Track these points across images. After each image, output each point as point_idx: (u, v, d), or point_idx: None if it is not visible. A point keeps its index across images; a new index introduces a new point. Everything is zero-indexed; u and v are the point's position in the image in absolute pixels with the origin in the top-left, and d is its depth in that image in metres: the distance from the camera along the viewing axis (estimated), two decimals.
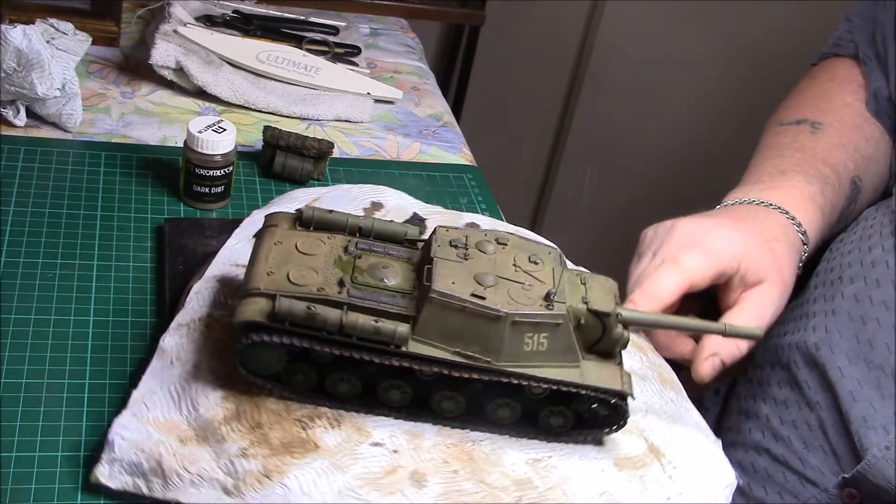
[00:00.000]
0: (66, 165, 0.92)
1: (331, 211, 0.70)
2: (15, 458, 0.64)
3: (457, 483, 0.63)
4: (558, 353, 0.64)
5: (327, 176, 0.99)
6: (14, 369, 0.70)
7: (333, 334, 0.62)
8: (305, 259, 0.65)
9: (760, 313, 0.79)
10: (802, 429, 0.83)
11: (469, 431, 0.67)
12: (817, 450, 0.81)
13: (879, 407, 0.77)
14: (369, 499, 0.61)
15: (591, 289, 0.66)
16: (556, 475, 0.65)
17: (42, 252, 0.81)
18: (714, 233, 0.79)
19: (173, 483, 0.62)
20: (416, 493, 0.62)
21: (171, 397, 0.66)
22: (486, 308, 0.61)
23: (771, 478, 0.84)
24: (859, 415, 0.78)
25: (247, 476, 0.61)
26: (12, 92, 0.92)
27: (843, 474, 0.78)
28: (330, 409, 0.66)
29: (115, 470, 0.63)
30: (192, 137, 0.87)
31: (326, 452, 0.63)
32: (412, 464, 0.64)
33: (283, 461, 0.62)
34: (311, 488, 0.61)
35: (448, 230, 0.68)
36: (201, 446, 0.63)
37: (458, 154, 1.09)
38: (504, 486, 0.63)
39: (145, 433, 0.64)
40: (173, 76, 1.06)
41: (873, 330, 0.80)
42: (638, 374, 0.73)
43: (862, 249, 0.86)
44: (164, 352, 0.69)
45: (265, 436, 0.63)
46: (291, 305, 0.61)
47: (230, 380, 0.66)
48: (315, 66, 1.12)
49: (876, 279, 0.82)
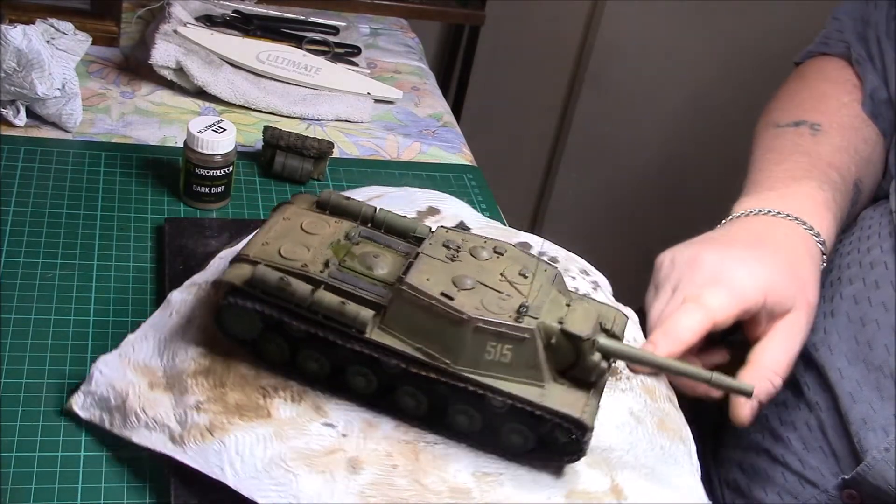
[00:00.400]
0: (66, 165, 0.92)
1: (348, 198, 0.72)
2: (15, 458, 0.64)
3: (391, 477, 0.62)
4: (521, 369, 0.62)
5: (327, 176, 0.99)
6: (14, 369, 0.70)
7: (301, 309, 0.63)
8: (305, 237, 0.68)
9: (790, 343, 0.76)
10: (802, 430, 0.83)
11: (427, 433, 0.66)
12: (817, 451, 0.81)
13: (879, 408, 0.77)
14: (296, 472, 0.61)
15: (574, 311, 0.64)
16: (497, 493, 0.63)
17: (42, 252, 0.81)
18: (738, 268, 0.75)
19: (131, 422, 0.65)
20: (345, 476, 0.62)
21: (157, 345, 0.69)
22: (450, 309, 0.61)
23: (770, 478, 0.83)
24: (859, 416, 0.77)
25: (193, 428, 0.63)
26: (12, 92, 0.92)
27: (843, 475, 0.78)
28: (297, 384, 0.67)
29: (87, 401, 0.67)
30: (192, 137, 0.87)
31: (275, 422, 0.64)
32: (355, 450, 0.64)
33: (231, 421, 0.64)
34: (245, 451, 0.62)
35: (448, 231, 0.68)
36: (165, 394, 0.66)
37: (458, 154, 1.09)
38: (438, 491, 0.62)
39: (122, 373, 0.67)
40: (173, 76, 1.06)
41: (872, 331, 0.80)
42: (634, 416, 0.70)
43: (861, 251, 0.85)
44: (168, 304, 0.72)
45: (224, 395, 0.65)
46: (266, 274, 0.63)
47: (215, 339, 0.69)
48: (315, 66, 1.12)
49: (875, 280, 0.82)
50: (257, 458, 0.62)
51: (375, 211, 0.71)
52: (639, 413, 0.70)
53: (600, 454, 0.66)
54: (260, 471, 0.61)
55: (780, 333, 0.75)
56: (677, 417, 0.72)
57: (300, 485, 0.61)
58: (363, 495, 0.61)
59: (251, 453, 0.62)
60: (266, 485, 0.61)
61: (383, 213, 0.71)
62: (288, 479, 0.61)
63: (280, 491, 0.61)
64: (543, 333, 0.62)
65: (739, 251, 0.77)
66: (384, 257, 0.67)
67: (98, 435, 0.67)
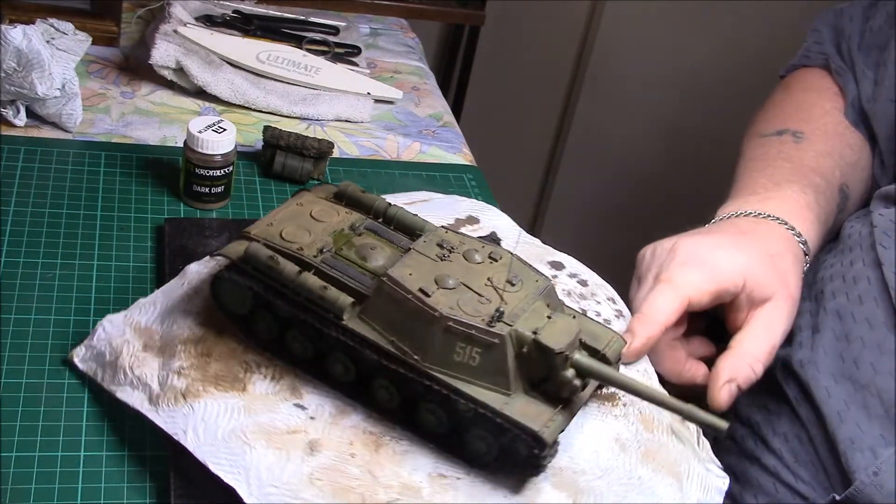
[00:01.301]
0: (66, 165, 0.92)
1: (364, 191, 0.73)
2: (15, 458, 0.64)
3: (346, 465, 0.62)
4: (489, 374, 0.61)
5: (327, 176, 0.99)
6: (14, 369, 0.70)
7: (287, 289, 0.64)
8: (310, 223, 0.69)
9: (771, 332, 0.76)
10: (793, 442, 0.82)
11: (396, 428, 0.65)
12: (808, 464, 0.81)
13: (867, 428, 0.76)
14: (253, 445, 0.62)
15: (553, 324, 0.62)
16: (447, 496, 0.61)
17: (42, 252, 0.81)
18: (717, 252, 0.76)
19: (118, 379, 0.68)
20: (300, 456, 0.62)
21: (162, 311, 0.71)
22: (423, 305, 0.61)
23: (762, 487, 0.83)
24: (846, 436, 0.76)
25: (169, 391, 0.66)
26: (12, 92, 0.92)
27: (835, 495, 0.77)
28: (282, 364, 0.68)
29: (87, 355, 0.71)
30: (192, 137, 0.87)
31: (248, 396, 0.65)
32: (318, 433, 0.64)
33: (205, 389, 0.65)
34: (211, 418, 0.64)
35: (447, 232, 0.68)
36: (156, 357, 0.68)
37: (458, 154, 1.09)
38: (388, 485, 0.61)
39: (122, 332, 0.70)
40: (173, 76, 1.06)
41: (858, 349, 0.79)
42: (619, 443, 0.67)
43: (844, 263, 0.84)
44: (183, 275, 0.75)
45: (207, 364, 0.67)
46: (258, 251, 0.65)
47: (215, 312, 0.70)
48: (315, 66, 1.12)
49: (858, 295, 0.81)
50: (220, 427, 0.63)
51: (388, 206, 0.71)
52: (626, 441, 0.67)
53: (570, 475, 0.64)
54: (219, 439, 0.62)
55: (761, 321, 0.76)
56: (676, 451, 0.69)
57: (253, 458, 0.61)
58: (311, 477, 0.61)
59: (216, 422, 0.64)
60: (221, 453, 0.62)
61: (395, 210, 0.71)
62: (243, 450, 0.62)
63: (232, 461, 0.61)
64: (516, 341, 0.61)
65: (719, 238, 0.78)
66: (381, 250, 0.67)
67: (98, 434, 0.67)
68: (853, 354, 0.79)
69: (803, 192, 0.85)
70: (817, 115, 0.95)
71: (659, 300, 0.73)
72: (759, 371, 0.74)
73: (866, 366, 0.77)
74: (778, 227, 0.82)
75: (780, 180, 0.87)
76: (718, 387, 0.73)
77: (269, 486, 0.60)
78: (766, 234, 0.81)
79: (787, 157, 0.90)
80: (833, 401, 0.78)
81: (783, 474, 0.82)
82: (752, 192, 0.86)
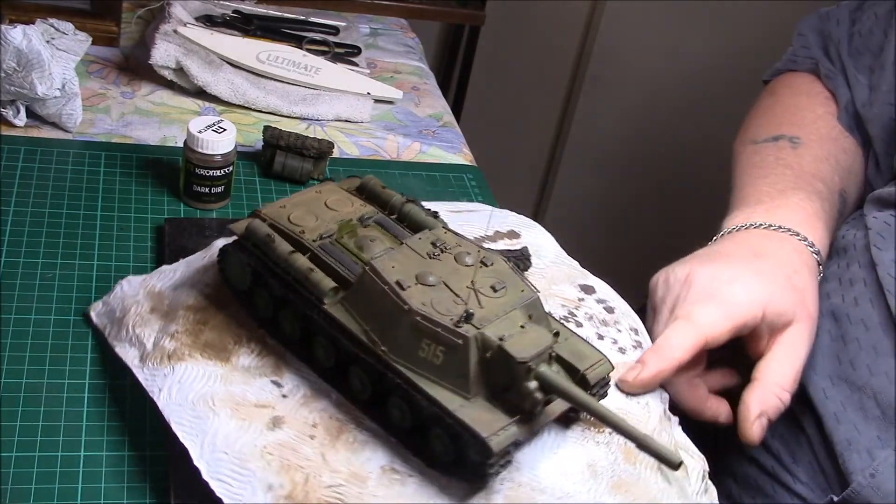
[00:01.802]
0: (66, 165, 0.92)
1: (384, 186, 0.74)
2: (15, 458, 0.64)
3: (301, 445, 0.62)
4: (450, 375, 0.60)
5: (327, 176, 0.99)
6: (14, 369, 0.70)
7: (279, 268, 0.66)
8: (322, 210, 0.70)
9: (793, 357, 0.74)
10: (791, 443, 0.82)
11: (365, 419, 0.65)
12: (806, 465, 0.81)
13: (863, 430, 0.76)
14: (218, 412, 0.63)
15: (525, 334, 0.61)
16: (392, 491, 0.61)
17: (42, 252, 0.81)
18: (732, 284, 0.73)
19: (121, 335, 0.71)
20: (260, 430, 0.63)
21: (178, 279, 0.74)
22: (396, 297, 0.61)
23: (760, 489, 0.83)
24: (843, 437, 0.76)
25: (158, 351, 0.68)
26: (12, 92, 0.92)
27: (833, 496, 0.77)
28: (273, 342, 0.69)
29: (101, 311, 0.75)
30: (192, 137, 0.87)
31: (229, 367, 0.67)
32: (285, 411, 0.64)
33: (191, 354, 0.67)
34: (187, 381, 0.66)
35: (446, 233, 0.68)
36: (159, 319, 0.71)
37: (458, 154, 1.09)
38: (336, 470, 0.61)
39: (136, 293, 0.73)
40: (173, 76, 1.06)
41: (854, 350, 0.78)
42: (592, 469, 0.64)
43: (840, 266, 0.84)
44: (209, 248, 0.77)
45: (201, 331, 0.69)
46: (258, 228, 0.67)
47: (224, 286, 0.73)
48: (315, 66, 1.12)
49: (854, 297, 0.80)
50: (193, 391, 0.65)
51: (404, 204, 0.72)
52: (600, 468, 0.65)
53: (527, 492, 0.62)
54: (188, 401, 0.64)
55: (783, 347, 0.74)
56: (657, 488, 0.65)
57: (213, 423, 0.63)
58: (263, 450, 0.61)
59: (190, 385, 0.65)
60: (185, 415, 0.64)
61: (409, 207, 0.72)
62: (207, 415, 0.63)
63: (194, 424, 0.63)
64: (481, 345, 0.60)
65: (734, 267, 0.76)
66: (381, 243, 0.67)
67: (98, 434, 0.67)
68: (850, 356, 0.78)
69: (809, 199, 0.84)
70: (810, 120, 0.93)
71: (674, 336, 0.71)
72: (786, 400, 0.73)
73: (863, 367, 0.77)
74: (791, 239, 0.79)
75: (784, 188, 0.85)
76: (750, 423, 0.71)
77: (220, 452, 0.61)
78: (780, 250, 0.78)
79: (786, 163, 0.88)
80: (830, 402, 0.78)
81: (781, 475, 0.82)
82: (758, 200, 0.84)
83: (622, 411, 0.68)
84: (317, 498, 0.59)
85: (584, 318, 0.76)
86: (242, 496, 0.59)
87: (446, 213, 0.82)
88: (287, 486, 0.60)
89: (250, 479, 0.60)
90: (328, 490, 0.60)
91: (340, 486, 0.60)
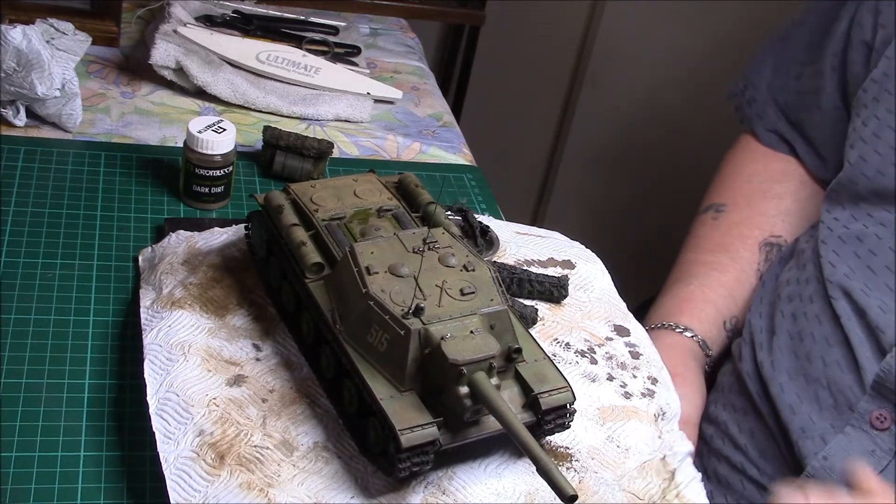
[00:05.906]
0: (66, 165, 0.92)
1: (418, 184, 0.76)
2: (15, 458, 0.64)
3: (250, 404, 0.65)
4: (390, 364, 0.60)
5: (327, 176, 0.99)
6: (14, 369, 0.70)
7: (280, 237, 0.69)
8: (347, 196, 0.72)
9: None
10: (759, 437, 0.85)
11: (323, 396, 0.66)
12: (772, 458, 0.84)
13: (818, 419, 0.80)
14: (188, 358, 0.67)
15: (471, 339, 0.59)
16: (310, 467, 0.61)
17: (42, 252, 0.81)
18: None
19: (150, 279, 0.76)
20: (219, 382, 0.66)
21: (220, 240, 0.79)
22: (359, 279, 0.62)
23: (731, 485, 0.86)
24: (798, 426, 0.81)
25: (166, 297, 0.72)
26: (12, 92, 0.92)
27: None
28: (274, 310, 0.73)
29: (147, 256, 0.80)
30: (192, 137, 0.87)
31: (220, 322, 0.71)
32: (251, 373, 0.67)
33: (193, 305, 0.71)
34: (176, 326, 0.69)
35: (445, 234, 0.68)
36: (184, 271, 0.75)
37: (458, 154, 1.09)
38: (269, 434, 0.63)
39: (178, 246, 0.78)
40: (173, 76, 1.06)
41: (809, 345, 0.83)
42: (531, 496, 0.63)
43: (798, 267, 0.89)
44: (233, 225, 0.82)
45: (211, 287, 0.73)
46: (274, 198, 0.71)
47: None
48: (315, 66, 1.12)
49: (809, 295, 0.86)
50: (176, 335, 0.69)
51: (429, 204, 0.73)
52: (539, 499, 0.63)
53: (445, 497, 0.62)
54: (167, 344, 0.68)
55: None
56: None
57: (179, 368, 0.66)
58: (211, 401, 0.64)
59: (176, 331, 0.69)
60: (159, 355, 0.67)
61: (433, 208, 0.72)
62: (177, 358, 0.67)
63: (163, 365, 0.67)
64: (423, 340, 0.60)
65: None
66: (385, 234, 0.68)
67: (98, 434, 0.67)
68: (805, 351, 0.83)
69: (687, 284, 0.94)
70: (740, 182, 1.02)
71: None
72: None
73: (817, 360, 0.82)
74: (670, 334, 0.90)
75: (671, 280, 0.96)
76: None
77: (172, 393, 0.64)
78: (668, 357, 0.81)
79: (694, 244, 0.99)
80: (786, 395, 0.83)
81: (749, 470, 0.85)
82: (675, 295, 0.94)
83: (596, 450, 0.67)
84: (238, 452, 0.62)
85: (602, 357, 0.75)
86: (174, 435, 0.62)
87: (512, 233, 0.84)
88: (217, 436, 0.62)
89: (187, 423, 0.63)
90: (253, 448, 0.62)
91: (266, 448, 0.62)
